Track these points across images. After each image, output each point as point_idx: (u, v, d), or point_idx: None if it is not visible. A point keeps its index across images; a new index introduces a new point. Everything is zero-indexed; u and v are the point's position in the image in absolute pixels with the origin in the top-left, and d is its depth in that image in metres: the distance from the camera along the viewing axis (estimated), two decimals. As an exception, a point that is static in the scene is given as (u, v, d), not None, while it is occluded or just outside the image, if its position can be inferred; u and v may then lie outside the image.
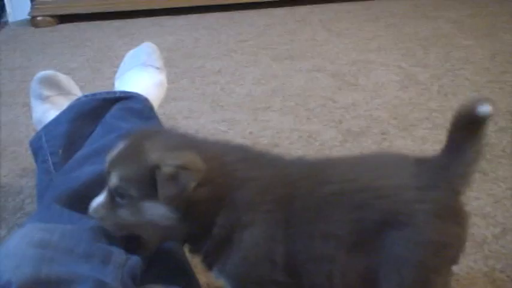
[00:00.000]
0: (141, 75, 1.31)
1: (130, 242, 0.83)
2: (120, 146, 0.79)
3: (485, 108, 0.74)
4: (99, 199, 0.80)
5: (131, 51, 1.42)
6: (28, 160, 1.48)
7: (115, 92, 1.24)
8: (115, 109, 1.16)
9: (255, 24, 2.67)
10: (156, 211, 0.76)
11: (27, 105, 1.80)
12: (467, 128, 0.78)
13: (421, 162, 0.80)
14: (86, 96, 1.24)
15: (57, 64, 2.16)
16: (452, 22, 2.45)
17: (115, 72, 1.98)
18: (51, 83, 1.30)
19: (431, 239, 0.74)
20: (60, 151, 1.10)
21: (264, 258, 0.77)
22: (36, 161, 1.17)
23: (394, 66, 1.98)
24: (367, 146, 1.48)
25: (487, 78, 1.85)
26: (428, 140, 1.48)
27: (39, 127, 1.27)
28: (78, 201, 0.87)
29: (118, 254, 0.79)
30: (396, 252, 0.74)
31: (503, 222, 1.15)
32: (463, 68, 1.94)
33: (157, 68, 1.37)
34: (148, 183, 0.74)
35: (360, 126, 1.57)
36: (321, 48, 2.24)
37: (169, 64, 2.12)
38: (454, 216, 0.77)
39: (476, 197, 1.22)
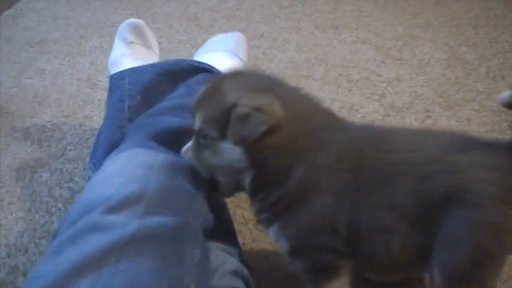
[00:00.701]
0: (225, 60, 1.33)
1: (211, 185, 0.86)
2: (203, 89, 0.81)
3: None
4: (189, 142, 0.83)
5: (220, 35, 1.44)
6: (71, 108, 1.50)
7: (204, 63, 1.25)
8: (199, 77, 1.17)
9: (300, -10, 2.62)
10: (231, 153, 0.76)
11: (71, 54, 1.83)
12: None
13: (493, 145, 0.77)
14: (176, 58, 1.28)
15: (101, 16, 2.16)
16: (504, 3, 2.37)
17: (154, 29, 1.98)
18: (138, 32, 1.34)
19: (493, 222, 0.71)
20: (139, 97, 1.11)
21: (329, 226, 0.76)
22: (110, 96, 1.19)
23: (442, 43, 1.93)
24: (409, 122, 1.45)
25: (537, 63, 1.80)
26: (474, 121, 1.45)
27: (112, 67, 1.31)
28: (171, 142, 0.90)
29: (202, 202, 0.82)
30: (455, 230, 0.71)
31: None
32: (512, 51, 1.88)
33: (241, 60, 1.37)
34: (227, 123, 0.74)
35: (403, 102, 1.55)
36: (366, 20, 2.19)
37: (212, 25, 2.10)
38: None
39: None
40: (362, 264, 0.82)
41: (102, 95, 1.55)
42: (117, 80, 1.19)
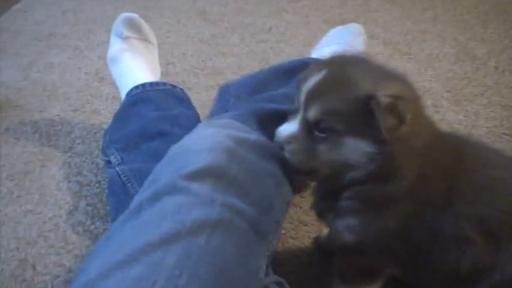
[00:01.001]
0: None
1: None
2: (316, 76, 0.73)
3: None
4: (289, 128, 0.75)
5: (337, 29, 1.39)
6: (79, 102, 1.50)
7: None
8: None
9: (308, -16, 2.61)
10: (358, 146, 0.71)
11: (79, 48, 1.83)
12: None
13: None
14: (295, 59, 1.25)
15: (109, 10, 2.17)
16: (513, -3, 2.36)
17: (162, 23, 1.99)
18: (133, 26, 1.33)
19: None
20: (243, 96, 1.09)
21: (406, 233, 0.75)
22: (218, 101, 1.16)
23: (450, 38, 1.92)
24: (417, 117, 1.45)
25: (546, 58, 1.79)
26: (482, 116, 1.44)
27: (111, 64, 1.31)
28: (270, 123, 0.85)
29: (287, 189, 0.81)
30: None
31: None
32: (522, 45, 1.87)
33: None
34: (357, 115, 0.69)
35: (411, 97, 1.54)
36: (374, 14, 2.18)
37: (219, 19, 2.10)
38: None
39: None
40: (420, 273, 0.80)
41: (110, 89, 1.56)
42: (225, 89, 1.17)
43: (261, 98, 1.01)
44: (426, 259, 0.76)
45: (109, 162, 1.06)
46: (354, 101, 0.68)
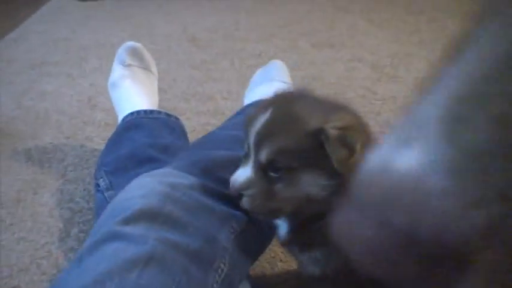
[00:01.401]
0: (270, 90, 1.35)
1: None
2: (263, 116, 0.74)
3: None
4: (243, 173, 0.75)
5: (260, 70, 1.47)
6: (71, 129, 1.52)
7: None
8: None
9: (296, 9, 2.66)
10: (315, 180, 0.72)
11: (71, 76, 1.86)
12: None
13: None
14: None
15: (101, 37, 2.20)
16: (497, 20, 2.41)
17: (153, 50, 2.02)
18: (136, 54, 1.38)
19: None
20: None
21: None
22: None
23: (437, 61, 1.96)
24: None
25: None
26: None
27: (111, 90, 1.35)
28: (215, 172, 0.87)
29: (239, 220, 0.82)
30: None
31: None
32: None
33: (285, 83, 1.40)
34: (309, 150, 0.70)
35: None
36: (361, 38, 2.23)
37: (209, 45, 2.14)
38: None
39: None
40: None
41: (102, 115, 1.58)
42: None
43: (207, 145, 1.03)
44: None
45: (98, 185, 1.08)
46: (304, 136, 0.70)
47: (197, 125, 1.51)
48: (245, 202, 0.76)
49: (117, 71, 1.34)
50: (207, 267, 0.73)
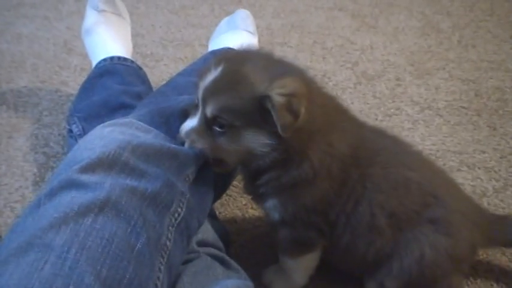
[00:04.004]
0: (235, 38, 1.34)
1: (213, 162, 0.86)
2: (213, 72, 0.77)
3: None
4: (190, 123, 0.80)
5: (226, 18, 1.45)
6: (47, 74, 1.51)
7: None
8: None
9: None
10: (257, 139, 0.76)
11: (48, 19, 1.82)
12: None
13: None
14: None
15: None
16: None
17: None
18: (109, 0, 1.34)
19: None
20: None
21: (324, 209, 0.82)
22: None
23: (417, 12, 1.95)
24: (380, 90, 1.49)
25: (509, 32, 1.83)
26: (442, 90, 1.49)
27: (85, 37, 1.32)
28: (174, 121, 0.89)
29: (194, 169, 0.83)
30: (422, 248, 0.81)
31: (505, 178, 1.18)
32: (486, 19, 1.91)
33: (250, 32, 1.39)
34: (254, 113, 0.74)
35: (376, 70, 1.58)
36: (345, -14, 2.20)
37: (191, -11, 2.10)
38: None
39: (482, 151, 1.25)
40: (331, 251, 0.88)
41: (78, 60, 1.57)
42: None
43: (169, 93, 1.04)
44: (340, 240, 0.83)
45: (70, 131, 1.08)
46: (250, 100, 0.73)
47: (174, 72, 1.50)
48: (186, 145, 0.82)
49: (91, 17, 1.32)
50: (164, 211, 0.75)
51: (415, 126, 1.34)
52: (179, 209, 0.77)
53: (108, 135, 0.80)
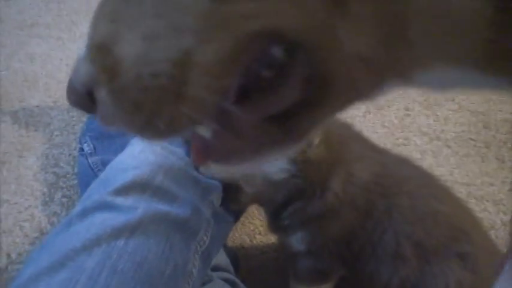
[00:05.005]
0: None
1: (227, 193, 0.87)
2: None
3: None
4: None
5: None
6: (59, 93, 1.52)
7: None
8: None
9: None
10: (275, 164, 0.78)
11: (62, 39, 1.85)
12: None
13: None
14: None
15: (93, 1, 2.18)
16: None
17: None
18: None
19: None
20: None
21: (349, 239, 0.81)
22: None
23: None
24: (389, 119, 1.49)
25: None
26: (451, 121, 1.49)
27: None
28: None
29: (215, 198, 0.84)
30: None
31: (513, 210, 1.18)
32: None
33: None
34: None
35: (385, 99, 1.59)
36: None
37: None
38: None
39: (490, 183, 1.25)
40: (352, 280, 0.88)
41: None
42: None
43: None
44: (364, 268, 0.82)
45: (82, 149, 1.09)
46: None
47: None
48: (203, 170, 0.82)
49: None
50: (191, 238, 0.75)
51: (423, 157, 1.34)
52: (205, 237, 0.78)
53: (139, 156, 0.80)
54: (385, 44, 0.30)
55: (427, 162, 1.32)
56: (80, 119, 1.41)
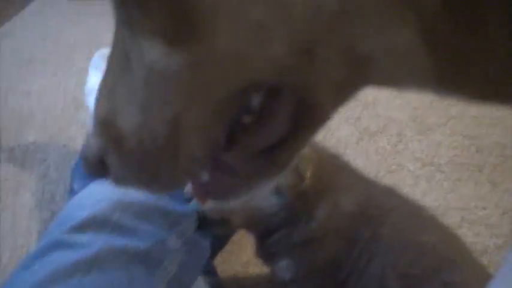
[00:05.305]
0: None
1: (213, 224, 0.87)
2: None
3: None
4: None
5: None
6: (55, 129, 1.54)
7: None
8: None
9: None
10: (266, 199, 0.79)
11: (57, 75, 1.87)
12: None
13: None
14: None
15: (90, 36, 2.21)
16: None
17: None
18: None
19: None
20: None
21: (335, 267, 0.82)
22: None
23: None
24: (382, 145, 1.50)
25: None
26: (444, 145, 1.50)
27: (88, 97, 1.35)
28: None
29: (188, 226, 0.84)
30: None
31: (506, 234, 1.18)
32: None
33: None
34: None
35: (378, 126, 1.60)
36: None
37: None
38: None
39: (483, 207, 1.25)
40: None
41: (86, 116, 1.60)
42: None
43: None
44: None
45: (72, 189, 1.10)
46: None
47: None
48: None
49: (94, 78, 1.35)
50: (155, 268, 0.76)
51: (416, 182, 1.35)
52: (171, 266, 0.78)
53: (98, 194, 0.81)
54: (351, 73, 0.35)
55: (420, 188, 1.32)
56: (76, 154, 1.42)
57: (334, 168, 0.84)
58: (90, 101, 1.35)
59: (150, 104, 0.34)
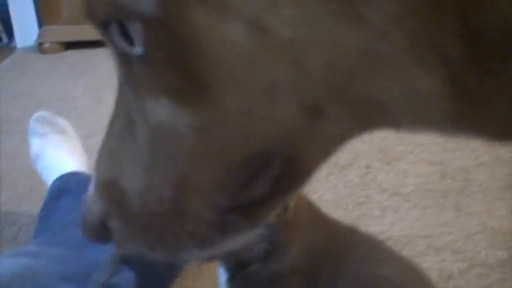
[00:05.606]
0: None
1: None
2: None
3: None
4: None
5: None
6: (26, 190, 1.55)
7: None
8: None
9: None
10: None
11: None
12: None
13: None
14: None
15: (61, 91, 2.24)
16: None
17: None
18: (47, 122, 1.40)
19: None
20: None
21: None
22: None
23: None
24: (351, 178, 1.52)
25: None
26: (410, 174, 1.53)
27: (35, 163, 1.35)
28: None
29: (108, 268, 0.84)
30: None
31: (470, 257, 1.19)
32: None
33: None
34: None
35: (346, 159, 1.62)
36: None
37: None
38: None
39: (448, 232, 1.27)
40: None
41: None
42: None
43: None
44: None
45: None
46: None
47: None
48: None
49: (35, 143, 1.37)
50: None
51: (383, 213, 1.36)
52: None
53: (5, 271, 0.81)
54: (357, 124, 0.34)
55: (387, 219, 1.34)
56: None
57: (305, 205, 0.85)
58: (39, 167, 1.35)
59: (155, 166, 0.33)
